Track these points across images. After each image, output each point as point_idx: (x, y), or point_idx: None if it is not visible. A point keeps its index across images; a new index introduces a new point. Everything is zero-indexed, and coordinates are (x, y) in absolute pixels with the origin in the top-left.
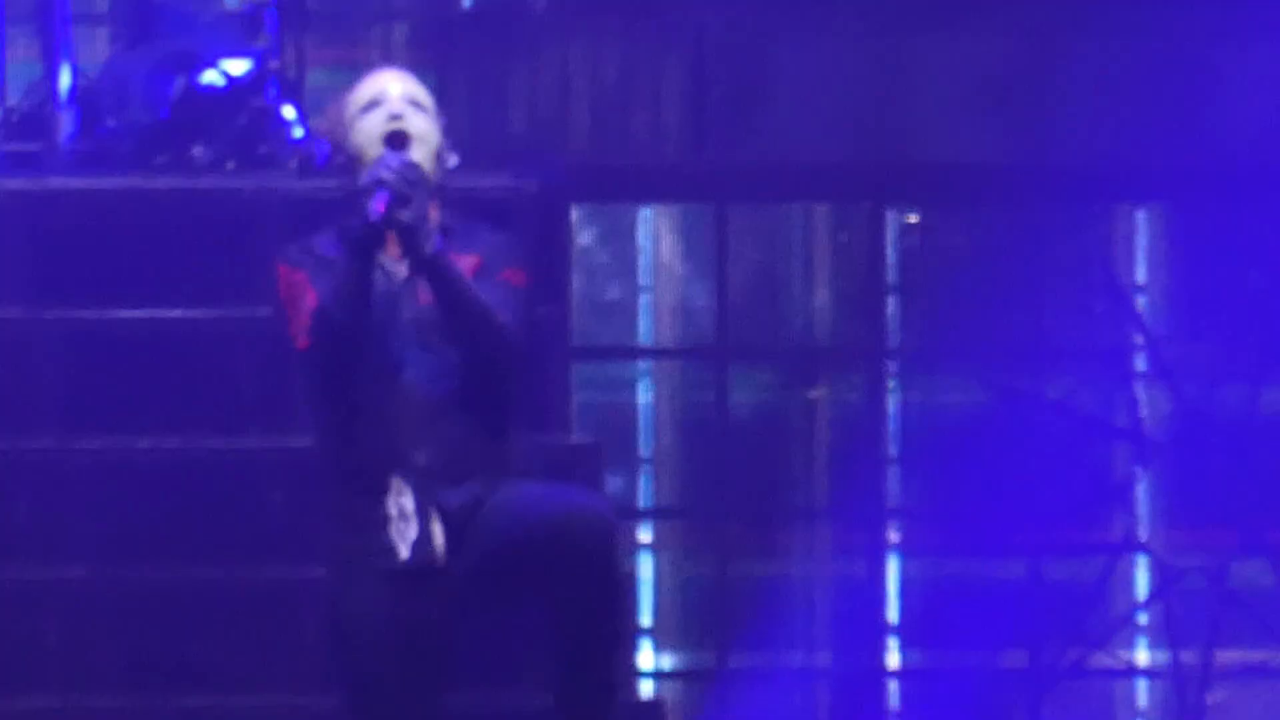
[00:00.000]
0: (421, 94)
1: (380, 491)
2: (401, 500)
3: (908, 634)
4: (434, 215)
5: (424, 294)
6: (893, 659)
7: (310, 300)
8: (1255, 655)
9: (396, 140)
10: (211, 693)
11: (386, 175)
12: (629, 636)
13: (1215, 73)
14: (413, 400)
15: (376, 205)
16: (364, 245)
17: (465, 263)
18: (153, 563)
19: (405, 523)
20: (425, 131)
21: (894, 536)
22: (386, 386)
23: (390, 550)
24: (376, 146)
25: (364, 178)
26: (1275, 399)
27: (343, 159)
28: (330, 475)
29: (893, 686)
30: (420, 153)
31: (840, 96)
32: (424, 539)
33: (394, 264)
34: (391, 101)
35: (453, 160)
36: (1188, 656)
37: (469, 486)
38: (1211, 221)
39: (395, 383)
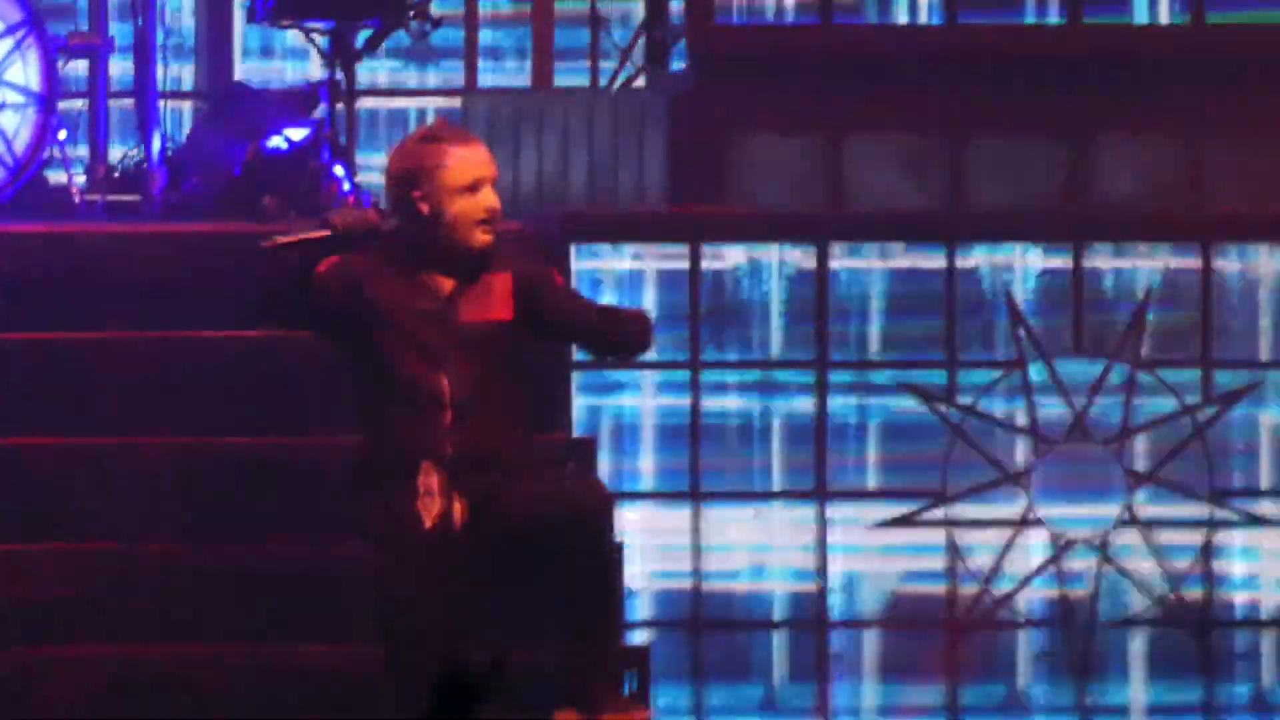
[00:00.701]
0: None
1: (412, 473)
2: (429, 481)
3: None
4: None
5: (466, 312)
6: None
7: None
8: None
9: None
10: (279, 643)
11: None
12: (619, 600)
13: None
14: (444, 397)
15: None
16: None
17: (498, 288)
18: (230, 540)
19: (430, 499)
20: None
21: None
22: (427, 384)
23: (417, 520)
24: (470, 226)
25: (467, 240)
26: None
27: (416, 194)
28: (372, 458)
29: None
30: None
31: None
32: (446, 514)
33: (439, 283)
34: (488, 193)
35: None
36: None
37: (488, 474)
38: None
39: (436, 382)
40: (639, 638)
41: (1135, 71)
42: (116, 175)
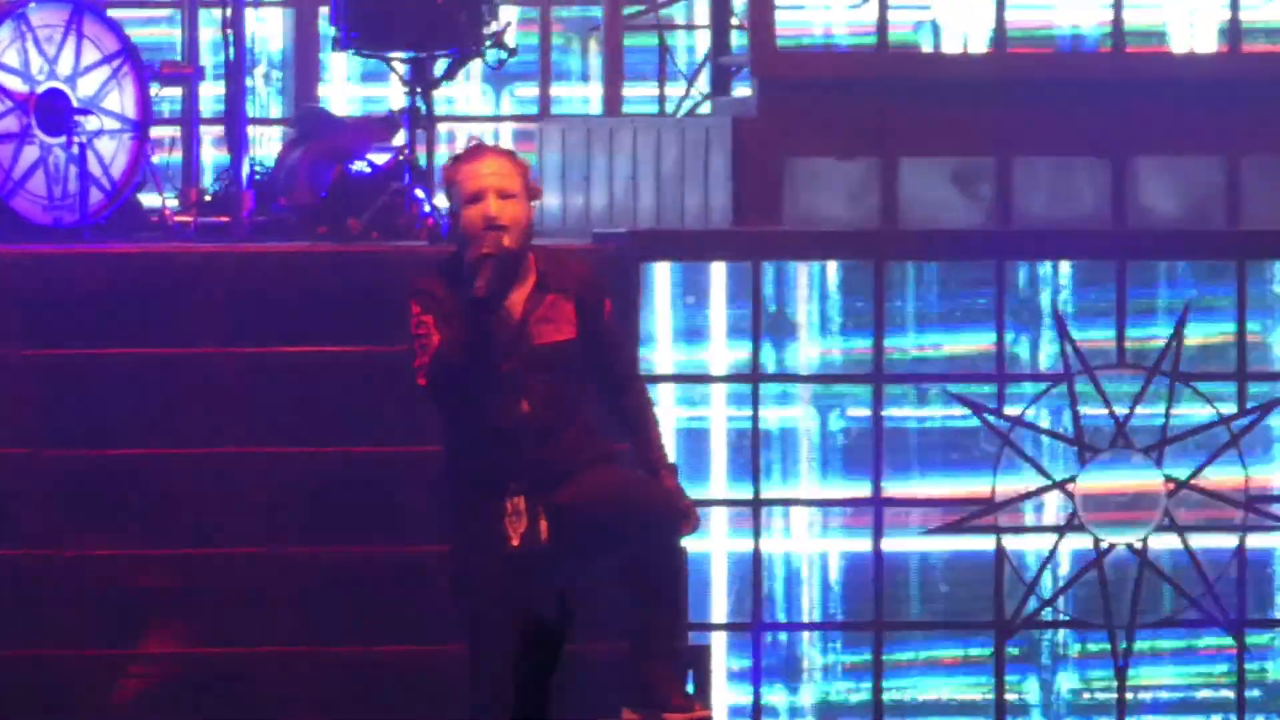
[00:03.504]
0: (511, 180)
1: (499, 492)
2: (515, 500)
3: None
4: (531, 260)
5: (538, 335)
6: None
7: (434, 343)
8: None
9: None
10: (361, 643)
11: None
12: (683, 601)
13: None
14: (527, 421)
15: (479, 283)
16: (474, 312)
17: (563, 308)
18: (317, 542)
19: (517, 517)
20: (515, 217)
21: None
22: (506, 410)
23: (505, 539)
24: (475, 234)
25: (469, 255)
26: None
27: (452, 210)
28: (457, 477)
29: None
30: (511, 236)
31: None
32: (532, 530)
33: (511, 308)
34: (489, 202)
35: (537, 204)
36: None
37: (569, 488)
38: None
39: (514, 407)
40: (702, 639)
41: (1174, 94)
42: (208, 200)
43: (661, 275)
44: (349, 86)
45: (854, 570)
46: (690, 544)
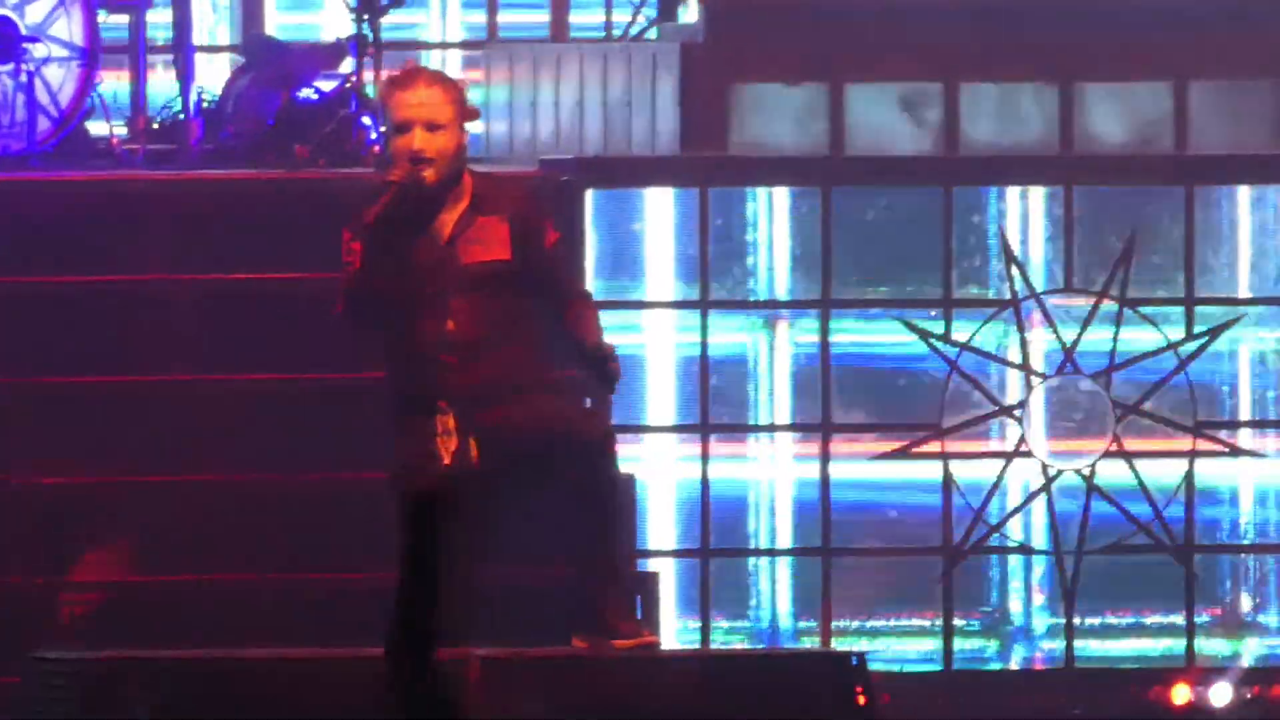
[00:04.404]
0: (441, 110)
1: (430, 412)
2: (444, 419)
3: None
4: (467, 183)
5: (464, 255)
6: None
7: (354, 269)
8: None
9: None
10: (308, 570)
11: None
12: (627, 527)
13: None
14: (456, 342)
15: (374, 208)
16: (374, 236)
17: (496, 229)
18: (265, 468)
19: (448, 436)
20: (441, 148)
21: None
22: (435, 331)
23: (436, 457)
24: (401, 164)
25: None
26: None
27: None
28: (394, 396)
29: None
30: (435, 169)
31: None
32: (463, 450)
33: (438, 229)
34: (414, 134)
35: (471, 130)
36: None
37: (500, 409)
38: None
39: (442, 328)
40: (649, 565)
41: (1121, 20)
42: (155, 128)
43: (608, 202)
44: (296, 13)
45: (802, 498)
46: (638, 471)
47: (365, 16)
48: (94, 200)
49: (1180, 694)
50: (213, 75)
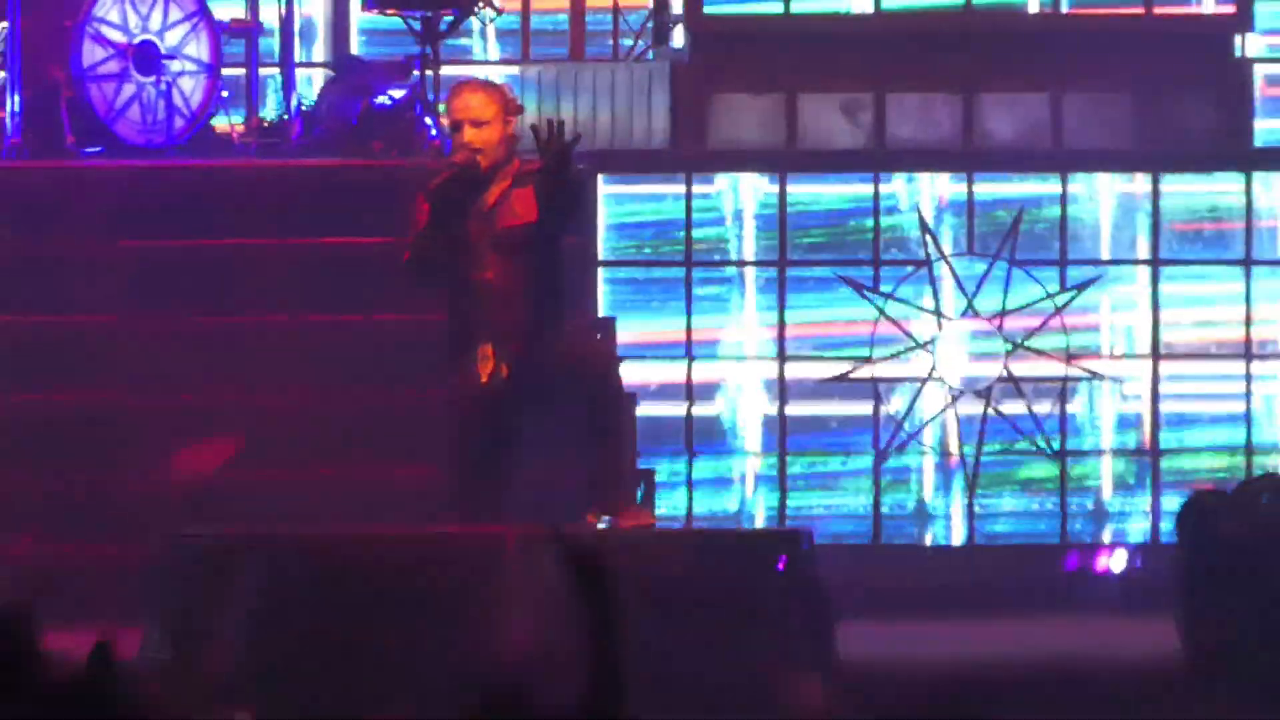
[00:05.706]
0: (485, 110)
1: (473, 345)
2: (484, 348)
3: None
4: (515, 165)
5: (501, 220)
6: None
7: (420, 226)
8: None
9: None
10: (373, 465)
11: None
12: (630, 432)
13: None
14: (493, 290)
15: (436, 180)
16: (437, 199)
17: (526, 198)
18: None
19: (485, 361)
20: (486, 139)
21: None
22: (477, 279)
23: (477, 378)
24: (461, 150)
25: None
26: None
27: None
28: (449, 333)
29: None
30: (485, 156)
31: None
32: (497, 373)
33: (485, 200)
34: (465, 131)
35: (518, 120)
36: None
37: (526, 341)
38: None
39: (483, 277)
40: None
41: (1014, 42)
42: (265, 125)
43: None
44: (374, 38)
45: (767, 414)
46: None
47: (427, 40)
48: (218, 182)
49: (1069, 561)
50: (309, 85)
